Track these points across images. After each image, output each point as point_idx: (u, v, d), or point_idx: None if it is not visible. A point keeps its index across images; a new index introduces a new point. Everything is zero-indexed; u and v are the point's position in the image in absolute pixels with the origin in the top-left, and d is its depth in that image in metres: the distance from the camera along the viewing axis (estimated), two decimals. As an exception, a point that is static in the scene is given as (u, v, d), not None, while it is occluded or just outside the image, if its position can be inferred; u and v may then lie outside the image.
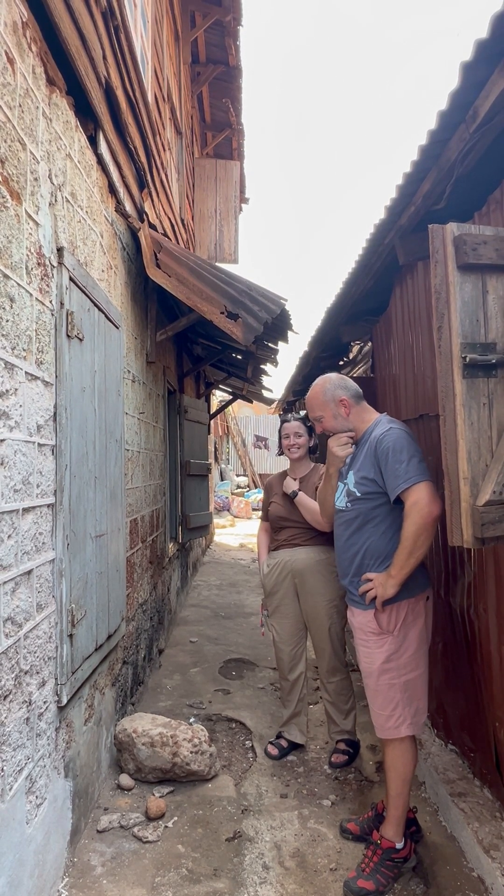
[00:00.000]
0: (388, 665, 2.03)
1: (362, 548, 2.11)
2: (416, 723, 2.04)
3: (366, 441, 2.12)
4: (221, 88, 7.81)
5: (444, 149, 1.76)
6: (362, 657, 2.11)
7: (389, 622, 2.04)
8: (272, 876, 2.06)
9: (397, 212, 2.24)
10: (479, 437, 1.52)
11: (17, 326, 1.74)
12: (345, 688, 2.86)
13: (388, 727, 2.04)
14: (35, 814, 1.79)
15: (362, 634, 2.11)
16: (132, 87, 3.21)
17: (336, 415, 2.15)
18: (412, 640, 2.04)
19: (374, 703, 2.08)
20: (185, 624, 5.16)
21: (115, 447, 2.85)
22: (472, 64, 1.41)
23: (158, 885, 2.02)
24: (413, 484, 1.91)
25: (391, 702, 2.03)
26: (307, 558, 2.86)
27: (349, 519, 2.15)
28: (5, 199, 1.66)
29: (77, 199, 2.35)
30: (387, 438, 2.01)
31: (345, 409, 2.14)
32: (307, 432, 2.96)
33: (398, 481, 1.94)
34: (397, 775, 2.06)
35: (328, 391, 2.16)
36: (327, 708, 2.89)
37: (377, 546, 2.08)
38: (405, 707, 2.02)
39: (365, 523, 2.10)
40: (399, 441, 1.99)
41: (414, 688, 2.04)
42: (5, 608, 1.62)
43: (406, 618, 2.04)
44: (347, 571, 2.17)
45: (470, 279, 1.52)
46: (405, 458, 1.94)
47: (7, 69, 1.68)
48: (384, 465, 1.99)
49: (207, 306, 3.39)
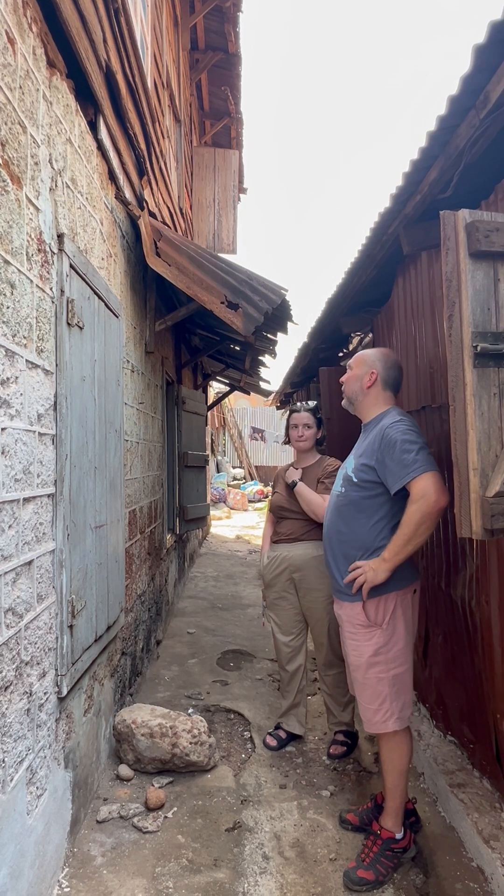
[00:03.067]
0: (377, 658, 2.02)
1: (350, 537, 2.09)
2: (403, 717, 2.04)
3: (372, 429, 2.11)
4: (220, 76, 7.73)
5: (452, 135, 1.74)
6: (350, 650, 2.10)
7: (378, 614, 2.02)
8: (272, 866, 2.06)
9: (402, 200, 2.21)
10: (489, 427, 1.50)
11: (18, 314, 1.71)
12: (343, 680, 2.85)
13: (376, 721, 2.04)
14: (35, 804, 1.78)
15: (350, 627, 2.09)
16: (132, 72, 3.16)
17: (360, 378, 2.18)
18: (400, 633, 2.03)
19: (362, 696, 2.07)
20: (182, 615, 5.16)
21: (115, 437, 2.83)
22: (485, 47, 1.38)
23: (159, 875, 2.01)
24: (423, 472, 1.89)
25: (379, 696, 2.02)
26: (304, 554, 2.85)
27: (341, 505, 2.13)
28: (6, 183, 1.63)
29: (77, 185, 2.32)
30: (395, 429, 1.99)
31: (368, 379, 2.15)
32: (316, 424, 2.94)
33: (406, 471, 1.91)
34: (393, 768, 2.06)
35: (372, 357, 2.19)
36: (326, 700, 2.90)
37: (365, 537, 2.05)
38: (392, 701, 2.02)
39: (357, 512, 2.07)
40: (408, 432, 1.97)
41: (402, 682, 2.04)
42: (6, 599, 1.61)
43: (395, 610, 2.02)
44: (334, 560, 2.15)
45: (482, 267, 1.50)
46: (415, 448, 1.93)
47: (7, 49, 1.64)
48: (389, 454, 1.97)
49: (208, 296, 3.36)
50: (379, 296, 3.34)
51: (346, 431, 3.86)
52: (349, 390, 2.22)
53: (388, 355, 2.21)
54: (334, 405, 4.10)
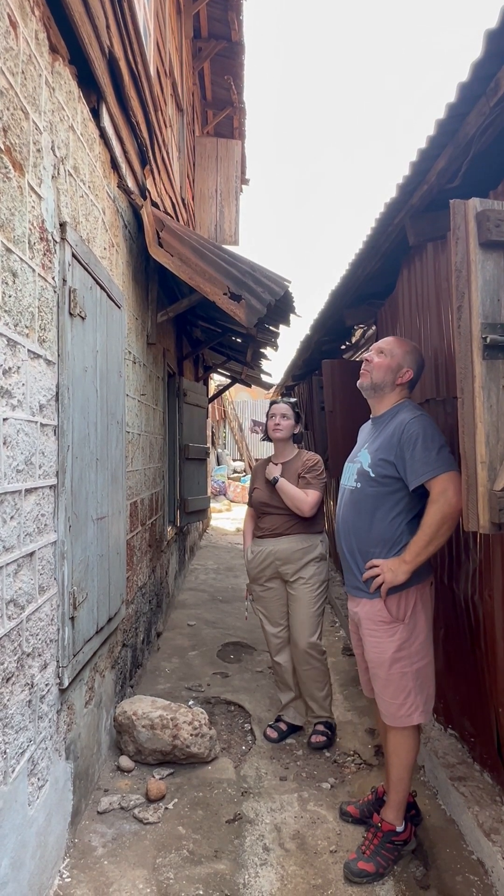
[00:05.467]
0: (400, 654, 2.01)
1: (368, 533, 2.06)
2: (428, 710, 2.03)
3: (387, 422, 2.08)
4: (223, 65, 7.65)
5: (462, 123, 1.71)
6: (371, 647, 2.06)
7: (400, 610, 2.01)
8: (273, 857, 2.07)
9: (409, 190, 2.18)
10: (497, 419, 1.49)
11: (20, 303, 1.69)
12: (320, 674, 2.86)
13: (401, 715, 2.02)
14: (37, 795, 1.78)
15: (371, 624, 2.06)
16: (135, 59, 3.12)
17: (393, 370, 2.10)
18: (422, 626, 2.02)
19: (386, 692, 2.04)
20: (183, 607, 5.16)
21: (117, 429, 2.82)
22: (498, 32, 1.35)
23: (159, 866, 2.02)
24: (443, 472, 1.87)
25: (403, 690, 2.01)
26: (290, 548, 2.85)
27: (357, 500, 2.10)
28: (8, 170, 1.60)
29: (80, 173, 2.29)
30: (416, 424, 1.96)
31: (402, 377, 2.10)
32: (294, 417, 2.94)
33: (427, 468, 1.89)
34: (400, 762, 2.06)
35: (411, 355, 2.12)
36: (303, 694, 2.91)
37: (384, 532, 2.03)
38: (417, 695, 2.01)
39: (374, 507, 2.05)
40: (429, 428, 1.95)
41: (425, 675, 2.03)
42: (8, 590, 1.60)
43: (416, 605, 2.01)
44: (352, 557, 2.13)
45: (492, 257, 1.47)
46: (436, 446, 1.91)
47: (10, 33, 1.61)
48: (410, 450, 1.94)
49: (210, 287, 3.33)
50: (383, 287, 3.31)
51: (349, 425, 3.84)
52: (378, 377, 2.12)
53: (419, 354, 2.16)
54: (337, 398, 4.08)
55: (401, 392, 2.14)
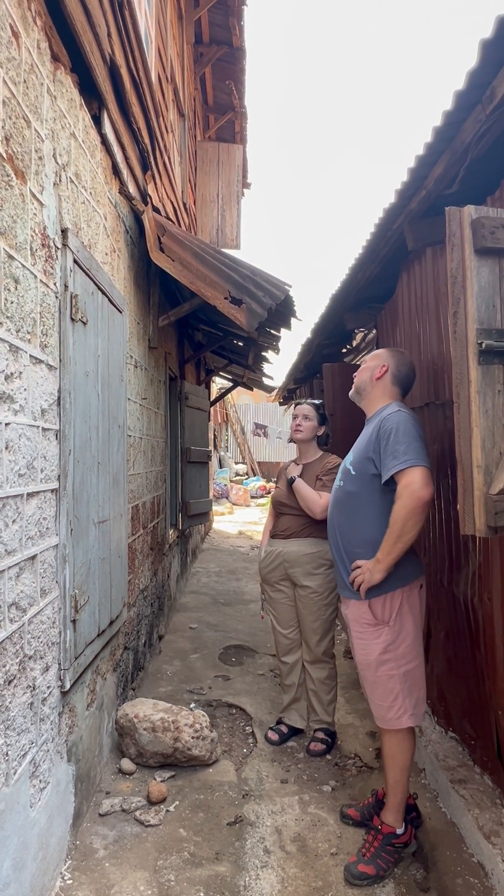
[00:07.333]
0: (386, 656, 2.02)
1: (351, 532, 2.09)
2: (417, 713, 2.04)
3: (371, 421, 2.13)
4: (225, 70, 7.69)
5: (458, 131, 1.73)
6: (358, 649, 2.09)
7: (384, 612, 2.02)
8: (273, 860, 2.07)
9: (408, 196, 2.20)
10: (493, 424, 1.50)
11: (22, 308, 1.71)
12: (328, 679, 2.87)
13: (390, 718, 2.03)
14: (39, 797, 1.79)
15: (357, 626, 2.08)
16: (136, 65, 3.14)
17: (371, 369, 2.21)
18: (409, 629, 2.03)
19: (374, 694, 2.07)
20: (184, 610, 5.17)
21: (118, 433, 2.83)
22: (492, 42, 1.37)
23: (161, 868, 2.03)
24: (409, 466, 1.89)
25: (391, 693, 2.02)
26: (298, 551, 2.86)
27: (339, 499, 2.14)
28: (10, 178, 1.63)
29: (81, 180, 2.31)
30: (392, 419, 2.00)
31: (379, 371, 2.18)
32: (318, 419, 2.95)
33: (395, 461, 1.92)
34: (395, 764, 2.07)
35: (386, 353, 2.24)
36: (309, 696, 2.90)
37: (368, 533, 2.04)
38: (405, 698, 2.02)
39: (357, 506, 2.07)
40: (404, 424, 1.97)
41: (413, 678, 2.04)
42: (10, 593, 1.61)
43: (401, 607, 2.02)
44: (339, 557, 2.15)
45: (487, 263, 1.49)
46: (406, 440, 1.93)
47: (12, 43, 1.64)
48: (384, 444, 1.97)
49: (211, 291, 3.35)
50: (383, 292, 3.33)
51: (349, 427, 3.85)
52: (359, 380, 2.25)
53: (403, 354, 2.25)
54: (338, 401, 4.09)
55: (385, 391, 2.18)
